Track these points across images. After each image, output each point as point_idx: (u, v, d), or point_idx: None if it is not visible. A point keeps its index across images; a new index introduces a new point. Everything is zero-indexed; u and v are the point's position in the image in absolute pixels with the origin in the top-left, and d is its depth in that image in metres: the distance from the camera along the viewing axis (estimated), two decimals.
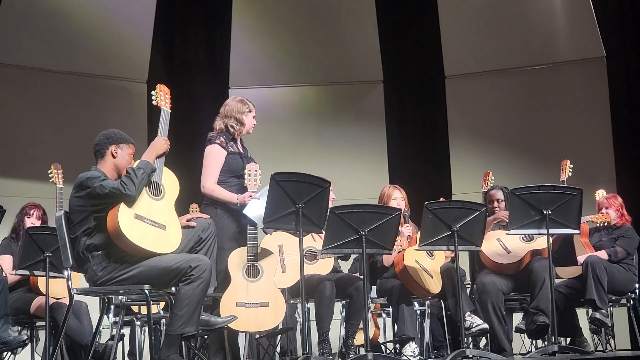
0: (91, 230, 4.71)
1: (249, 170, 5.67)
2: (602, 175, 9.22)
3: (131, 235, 4.62)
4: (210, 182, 5.69)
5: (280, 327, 5.87)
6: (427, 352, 6.70)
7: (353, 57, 10.20)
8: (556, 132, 9.74)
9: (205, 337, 5.20)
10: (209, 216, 5.30)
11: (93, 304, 6.77)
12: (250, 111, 5.91)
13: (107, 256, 4.70)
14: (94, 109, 9.25)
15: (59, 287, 6.48)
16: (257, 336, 5.91)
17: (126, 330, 6.96)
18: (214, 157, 5.74)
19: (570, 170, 7.22)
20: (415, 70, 10.40)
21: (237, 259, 5.60)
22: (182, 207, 6.85)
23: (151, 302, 5.02)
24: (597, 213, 7.06)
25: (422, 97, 10.39)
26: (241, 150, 5.88)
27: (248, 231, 5.61)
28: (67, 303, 6.11)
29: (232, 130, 5.82)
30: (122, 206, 4.65)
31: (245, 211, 5.55)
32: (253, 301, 5.52)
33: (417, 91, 10.39)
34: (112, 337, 6.26)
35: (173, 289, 4.70)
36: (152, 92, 5.09)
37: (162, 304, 6.66)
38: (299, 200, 5.25)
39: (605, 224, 6.88)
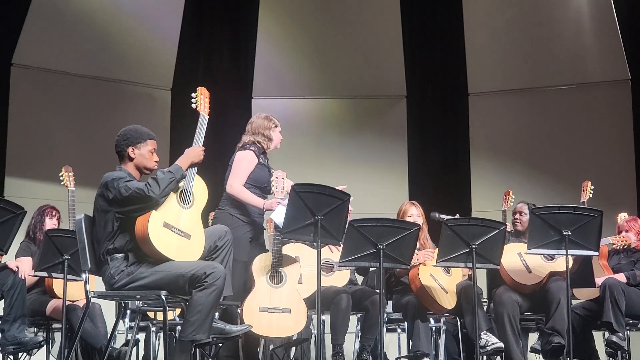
0: (114, 233, 4.71)
1: (277, 177, 5.73)
2: (623, 198, 9.15)
3: (158, 244, 4.64)
4: (238, 184, 5.76)
5: (295, 337, 5.89)
6: None
7: (377, 72, 10.20)
8: (579, 153, 9.69)
9: (220, 345, 5.22)
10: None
11: (108, 306, 6.79)
12: (276, 126, 6.03)
13: (126, 258, 4.71)
14: (118, 114, 9.30)
15: (74, 290, 6.51)
16: (271, 347, 5.93)
17: (141, 336, 6.97)
18: (247, 161, 5.82)
19: (591, 191, 7.19)
20: (438, 87, 10.39)
21: (261, 264, 5.67)
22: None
23: (167, 308, 5.05)
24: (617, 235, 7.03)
25: (445, 113, 10.36)
26: (268, 165, 5.96)
27: (273, 237, 5.69)
28: (82, 306, 6.18)
29: (260, 145, 5.92)
30: (153, 213, 4.66)
31: (272, 216, 5.63)
32: (276, 307, 5.60)
33: (440, 107, 10.37)
34: (126, 342, 6.28)
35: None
36: (192, 95, 5.05)
37: (178, 311, 6.67)
38: (319, 212, 5.26)
39: (625, 247, 6.85)
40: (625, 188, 9.37)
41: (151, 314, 6.87)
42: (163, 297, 4.60)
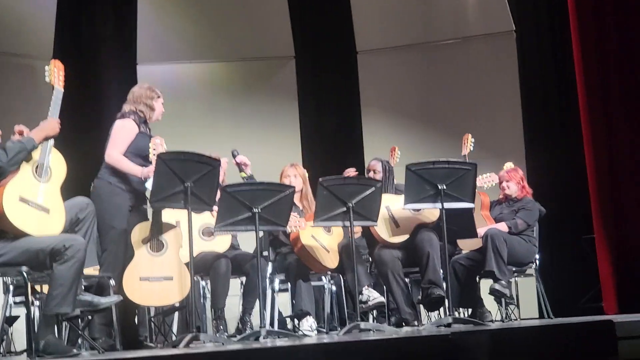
0: None
1: (155, 145, 5.64)
2: (511, 150, 9.29)
3: (15, 219, 4.56)
4: (116, 153, 5.70)
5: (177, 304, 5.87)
6: (328, 326, 6.75)
7: (264, 33, 10.11)
8: (467, 107, 9.80)
9: (89, 317, 5.16)
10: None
11: None
12: (159, 97, 5.99)
13: None
14: None
15: None
16: (151, 315, 5.91)
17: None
18: (127, 130, 5.76)
19: (472, 144, 7.30)
20: (327, 46, 10.34)
21: (140, 233, 5.62)
22: (83, 185, 6.71)
23: (29, 283, 4.94)
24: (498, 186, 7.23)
25: (334, 72, 10.32)
26: (150, 134, 5.88)
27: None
28: None
29: (141, 115, 5.85)
30: (7, 188, 4.57)
31: (148, 184, 5.58)
32: (157, 275, 5.55)
33: (329, 66, 10.32)
34: (9, 319, 6.16)
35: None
36: (46, 68, 4.98)
37: None
38: (188, 179, 5.23)
39: (494, 185, 7.06)
40: (512, 139, 9.53)
41: (38, 287, 6.74)
42: (24, 273, 4.55)
